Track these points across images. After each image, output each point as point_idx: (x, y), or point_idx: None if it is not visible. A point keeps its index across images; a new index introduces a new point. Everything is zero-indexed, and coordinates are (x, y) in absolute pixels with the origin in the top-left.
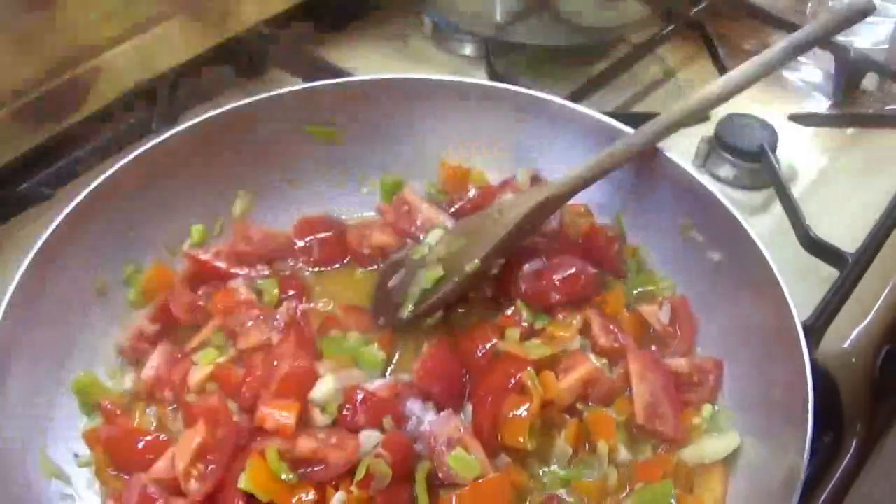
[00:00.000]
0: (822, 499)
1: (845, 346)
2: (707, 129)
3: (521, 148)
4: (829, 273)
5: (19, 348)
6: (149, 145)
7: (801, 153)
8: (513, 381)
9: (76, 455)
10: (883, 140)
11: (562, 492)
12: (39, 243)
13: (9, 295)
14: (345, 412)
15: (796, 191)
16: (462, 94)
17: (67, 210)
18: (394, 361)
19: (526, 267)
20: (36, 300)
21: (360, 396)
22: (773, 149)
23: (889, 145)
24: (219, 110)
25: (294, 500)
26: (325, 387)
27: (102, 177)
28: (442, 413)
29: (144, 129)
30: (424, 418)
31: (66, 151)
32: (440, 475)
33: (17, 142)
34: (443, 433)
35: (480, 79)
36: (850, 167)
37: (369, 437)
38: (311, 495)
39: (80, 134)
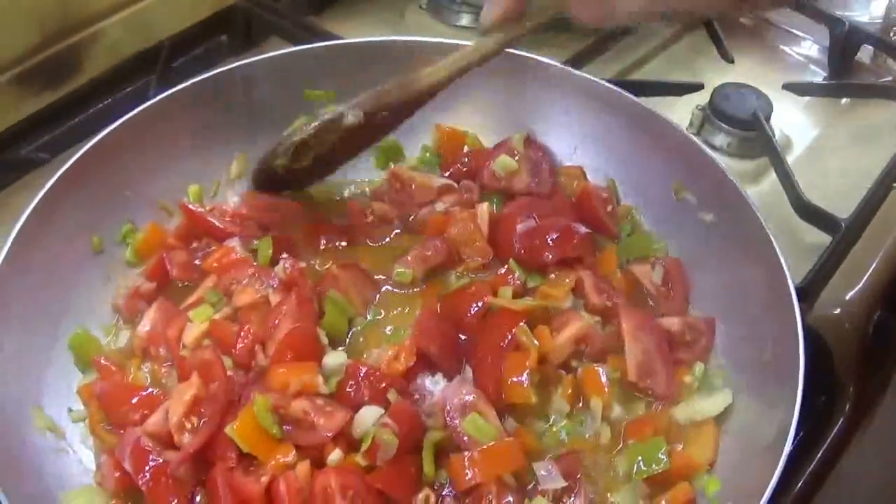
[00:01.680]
0: (816, 460)
1: (838, 311)
2: (702, 97)
3: (516, 112)
4: (823, 242)
5: (16, 306)
6: (144, 105)
7: (796, 123)
8: (508, 338)
9: (70, 410)
10: (875, 110)
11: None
12: (35, 202)
13: (4, 252)
14: (348, 388)
15: (790, 159)
16: None
17: (64, 169)
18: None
19: (519, 227)
20: (32, 258)
21: (362, 371)
22: (768, 118)
23: (881, 116)
24: (214, 71)
25: (274, 458)
26: (337, 359)
27: (98, 136)
28: (454, 379)
29: (141, 97)
30: (435, 390)
31: (65, 118)
32: (456, 442)
33: (17, 108)
34: (455, 399)
35: None
36: (843, 137)
37: (370, 412)
38: (291, 457)
39: (78, 101)
